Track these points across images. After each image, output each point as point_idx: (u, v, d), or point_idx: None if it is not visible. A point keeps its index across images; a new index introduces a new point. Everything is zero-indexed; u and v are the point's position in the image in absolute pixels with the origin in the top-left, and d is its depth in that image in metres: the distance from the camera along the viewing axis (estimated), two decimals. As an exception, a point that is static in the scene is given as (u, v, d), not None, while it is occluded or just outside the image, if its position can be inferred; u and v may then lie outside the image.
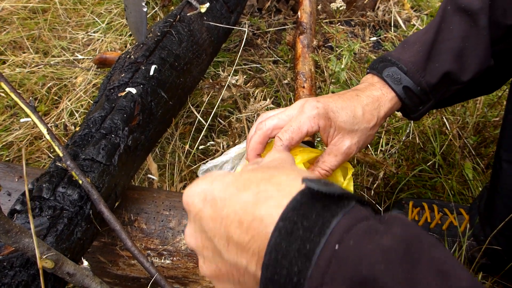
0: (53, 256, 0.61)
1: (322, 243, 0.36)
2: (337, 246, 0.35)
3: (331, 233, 0.36)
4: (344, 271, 0.34)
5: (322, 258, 0.35)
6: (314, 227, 0.36)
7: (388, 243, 0.34)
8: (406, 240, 0.35)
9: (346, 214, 0.37)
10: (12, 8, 1.95)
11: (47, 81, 1.66)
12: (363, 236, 0.35)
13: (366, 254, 0.34)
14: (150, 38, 1.14)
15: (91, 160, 0.84)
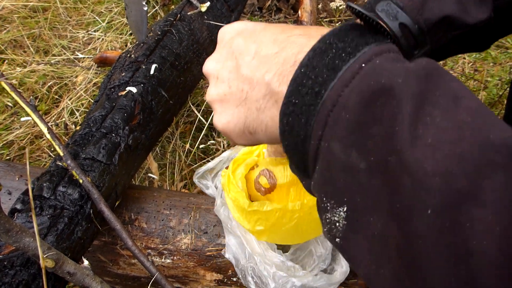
0: (54, 256, 0.61)
1: (351, 62, 0.38)
2: (364, 65, 0.37)
3: (361, 55, 0.38)
4: (365, 83, 0.36)
5: (347, 72, 0.37)
6: (347, 48, 0.39)
7: (412, 66, 0.36)
8: (429, 69, 0.36)
9: (378, 45, 0.39)
10: (13, 7, 1.95)
11: (47, 80, 1.66)
12: (390, 60, 0.37)
13: (388, 69, 0.36)
14: (151, 37, 1.14)
15: (91, 159, 0.84)
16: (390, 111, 0.34)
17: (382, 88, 0.35)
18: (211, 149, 1.45)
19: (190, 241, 0.96)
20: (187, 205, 1.00)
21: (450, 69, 1.79)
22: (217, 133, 1.51)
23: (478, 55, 1.88)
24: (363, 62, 0.37)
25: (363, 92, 0.36)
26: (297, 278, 0.82)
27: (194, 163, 1.40)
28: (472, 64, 1.83)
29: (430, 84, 0.35)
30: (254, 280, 0.85)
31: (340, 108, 0.37)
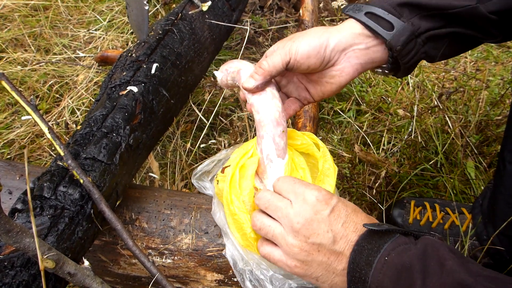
0: (54, 256, 0.61)
1: (378, 257, 0.66)
2: (386, 258, 0.65)
3: (383, 252, 0.66)
4: (390, 269, 0.64)
5: (378, 264, 0.65)
6: (373, 248, 0.67)
7: (412, 252, 0.65)
8: (423, 249, 0.65)
9: (392, 241, 0.67)
10: (14, 5, 1.95)
11: (48, 79, 1.66)
12: (401, 252, 0.65)
13: (400, 259, 0.64)
14: (152, 36, 1.14)
15: (92, 159, 0.84)
16: (408, 284, 0.62)
17: (400, 271, 0.63)
18: (212, 149, 1.45)
19: (191, 241, 0.96)
20: (188, 205, 1.00)
21: (452, 68, 1.78)
22: (218, 133, 1.50)
23: (480, 54, 1.88)
24: (385, 256, 0.66)
25: (391, 276, 0.64)
26: (293, 280, 0.82)
27: (195, 163, 1.40)
28: (474, 63, 1.83)
29: (426, 259, 0.63)
30: (252, 283, 0.85)
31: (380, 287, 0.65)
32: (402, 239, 0.68)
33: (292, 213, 0.73)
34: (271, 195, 0.77)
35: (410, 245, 0.66)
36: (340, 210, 0.73)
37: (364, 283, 0.66)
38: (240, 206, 0.84)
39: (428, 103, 1.60)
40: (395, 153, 1.45)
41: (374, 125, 1.55)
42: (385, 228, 0.69)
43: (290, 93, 0.94)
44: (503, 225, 0.98)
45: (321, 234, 0.71)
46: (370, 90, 1.64)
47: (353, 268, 0.68)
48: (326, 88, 0.87)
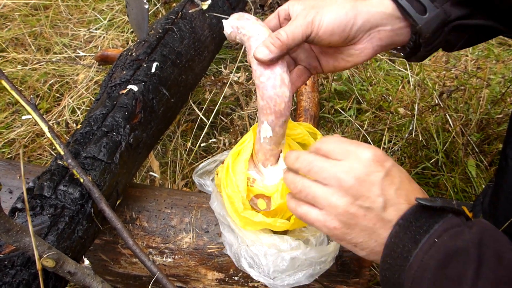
0: (54, 255, 0.61)
1: (426, 237, 0.59)
2: (436, 240, 0.58)
3: (433, 232, 0.59)
4: (439, 252, 0.57)
5: (426, 244, 0.59)
6: (422, 227, 0.60)
7: (469, 237, 0.58)
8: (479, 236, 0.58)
9: (444, 222, 0.60)
10: (14, 4, 1.95)
11: (48, 78, 1.66)
12: (453, 235, 0.58)
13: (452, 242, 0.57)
14: (152, 35, 1.14)
15: (92, 158, 0.84)
16: (458, 271, 0.55)
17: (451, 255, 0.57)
18: (213, 148, 1.45)
19: (191, 240, 0.96)
20: (188, 204, 1.00)
21: (453, 66, 1.78)
22: (218, 132, 1.50)
23: (481, 53, 1.87)
24: (435, 237, 0.59)
25: (438, 259, 0.57)
26: (286, 252, 0.83)
27: (195, 162, 1.40)
28: (475, 62, 1.82)
29: (482, 247, 0.56)
30: (247, 261, 0.85)
31: (422, 269, 0.58)
32: (455, 220, 0.61)
33: (341, 170, 0.66)
34: (314, 157, 0.70)
35: (464, 227, 0.60)
36: (395, 174, 0.66)
37: (405, 260, 0.60)
38: (234, 187, 0.85)
39: (429, 101, 1.60)
40: (396, 152, 1.45)
41: (375, 123, 1.54)
42: (439, 205, 0.61)
43: (299, 60, 0.87)
44: (506, 224, 0.98)
45: (371, 198, 0.64)
46: (371, 88, 1.63)
47: (394, 243, 0.62)
48: (340, 64, 0.82)
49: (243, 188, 0.86)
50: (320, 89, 1.64)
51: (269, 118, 0.77)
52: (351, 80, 1.66)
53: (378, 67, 1.75)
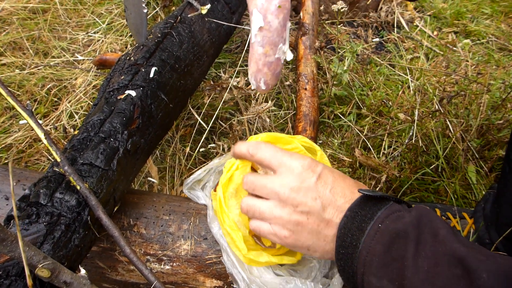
0: (50, 265, 0.60)
1: (371, 224, 0.65)
2: (380, 225, 0.64)
3: (377, 219, 0.65)
4: (384, 236, 0.63)
5: (371, 230, 0.64)
6: (367, 215, 0.66)
7: (408, 219, 0.63)
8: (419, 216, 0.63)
9: (386, 209, 0.66)
10: (12, 8, 1.94)
11: (46, 82, 1.65)
12: (394, 220, 0.64)
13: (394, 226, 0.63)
14: (151, 40, 1.13)
15: (89, 165, 0.82)
16: (401, 251, 0.60)
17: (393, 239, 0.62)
18: (212, 153, 1.43)
19: (189, 247, 0.94)
20: (187, 211, 0.99)
21: (453, 71, 1.78)
22: (217, 137, 1.49)
23: (481, 58, 1.87)
24: (379, 223, 0.64)
25: (383, 242, 0.62)
26: None
27: (194, 167, 1.39)
28: (475, 67, 1.82)
29: (420, 227, 0.62)
30: None
31: (371, 254, 0.63)
32: (396, 206, 0.67)
33: (278, 184, 0.72)
34: (254, 176, 0.77)
35: (404, 212, 0.65)
36: (327, 176, 0.72)
37: (355, 248, 0.65)
38: (231, 224, 0.85)
39: (429, 107, 1.59)
40: (396, 157, 1.44)
41: (375, 129, 1.53)
42: (380, 194, 0.68)
43: None
44: (508, 231, 0.97)
45: (309, 202, 0.70)
46: (371, 93, 1.63)
47: (344, 233, 0.67)
48: None
49: (243, 224, 0.85)
50: (320, 94, 1.63)
51: (258, 1, 0.61)
52: (351, 85, 1.66)
53: (378, 72, 1.75)
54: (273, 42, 0.63)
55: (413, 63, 1.84)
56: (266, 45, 0.64)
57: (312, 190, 0.71)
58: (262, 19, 0.61)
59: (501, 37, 2.00)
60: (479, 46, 1.95)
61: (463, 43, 1.92)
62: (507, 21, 2.09)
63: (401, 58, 1.86)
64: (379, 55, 1.89)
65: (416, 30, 2.01)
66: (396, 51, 1.90)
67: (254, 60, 0.66)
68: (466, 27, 2.03)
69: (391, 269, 0.60)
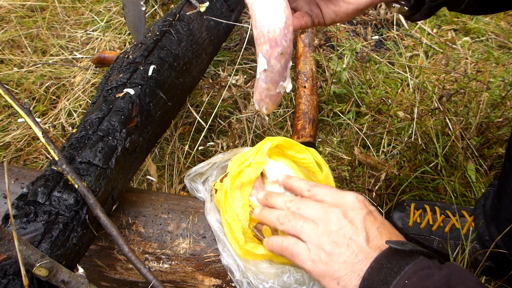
0: (47, 264, 0.60)
1: (397, 278, 0.61)
2: (407, 281, 0.60)
3: (404, 274, 0.61)
4: None
5: (397, 285, 0.60)
6: (394, 269, 0.62)
7: (436, 278, 0.60)
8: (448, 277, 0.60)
9: (415, 264, 0.62)
10: (10, 6, 1.93)
11: (45, 80, 1.64)
12: (423, 277, 0.60)
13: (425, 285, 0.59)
14: (149, 38, 1.12)
15: (87, 163, 0.82)
16: None
17: None
18: (210, 151, 1.43)
19: (188, 245, 0.94)
20: (186, 209, 0.99)
21: (453, 69, 1.77)
22: (216, 135, 1.49)
23: (480, 56, 1.87)
24: (406, 279, 0.60)
25: None
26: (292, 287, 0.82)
27: (193, 165, 1.38)
28: (474, 65, 1.82)
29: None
30: None
31: None
32: (426, 262, 0.63)
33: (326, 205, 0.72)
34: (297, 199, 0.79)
35: (434, 270, 0.62)
36: (376, 215, 0.72)
37: None
38: (233, 215, 0.84)
39: (428, 105, 1.59)
40: (395, 156, 1.44)
41: (374, 127, 1.53)
42: (409, 248, 0.63)
43: (300, 8, 0.84)
44: (509, 227, 0.97)
45: (354, 228, 0.68)
46: (370, 91, 1.62)
47: (367, 285, 0.63)
48: (340, 9, 0.79)
49: (244, 217, 0.85)
50: (319, 92, 1.63)
51: (263, 48, 0.70)
52: (350, 83, 1.65)
53: (377, 70, 1.74)
54: (275, 81, 0.73)
55: (413, 61, 1.84)
56: (269, 83, 0.74)
57: (360, 220, 0.69)
58: (266, 63, 0.70)
59: (501, 34, 1.99)
60: (478, 44, 1.95)
61: (462, 41, 1.91)
62: (507, 19, 2.09)
63: (401, 55, 1.86)
64: (379, 52, 1.89)
65: (415, 28, 2.00)
66: (396, 48, 1.90)
67: (258, 91, 0.76)
68: (465, 25, 2.02)
69: None
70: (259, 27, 0.68)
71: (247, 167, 0.89)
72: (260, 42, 0.69)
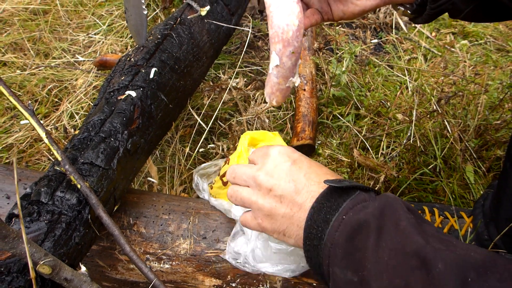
0: (51, 262, 0.61)
1: (336, 215, 0.65)
2: (344, 216, 0.64)
3: (341, 210, 0.65)
4: (347, 227, 0.63)
5: (335, 222, 0.64)
6: (332, 206, 0.66)
7: (371, 210, 0.63)
8: (382, 207, 0.62)
9: (352, 199, 0.66)
10: (13, 9, 1.95)
11: (47, 83, 1.66)
12: (358, 210, 0.64)
13: (358, 217, 0.63)
14: (151, 41, 1.14)
15: (90, 164, 0.83)
16: (363, 242, 0.60)
17: (355, 230, 0.61)
18: (211, 153, 1.44)
19: (189, 246, 0.95)
20: (186, 210, 1.00)
21: (451, 72, 1.79)
22: (216, 137, 1.50)
23: (479, 59, 1.88)
24: (344, 215, 0.64)
25: (346, 234, 0.62)
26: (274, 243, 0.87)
27: (193, 167, 1.39)
28: (473, 68, 1.83)
29: (383, 218, 0.61)
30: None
31: (335, 245, 0.63)
32: (362, 196, 0.66)
33: (255, 169, 0.75)
34: (236, 165, 0.80)
35: (369, 202, 0.65)
36: (302, 162, 0.74)
37: (320, 240, 0.65)
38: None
39: (427, 107, 1.60)
40: (394, 158, 1.45)
41: (373, 129, 1.54)
42: (346, 184, 0.67)
43: (311, 4, 0.89)
44: (508, 227, 0.98)
45: (282, 185, 0.71)
46: (369, 94, 1.64)
47: (310, 225, 0.67)
48: (348, 9, 0.84)
49: None
50: (319, 94, 1.64)
51: (277, 47, 0.77)
52: (349, 85, 1.67)
53: (376, 73, 1.76)
54: (286, 76, 0.80)
55: (411, 64, 1.85)
56: (280, 78, 0.81)
57: (285, 173, 0.72)
58: (279, 60, 0.78)
59: (499, 38, 2.01)
60: (477, 47, 1.96)
61: (461, 44, 1.93)
62: (505, 22, 2.10)
63: (399, 59, 1.87)
64: (378, 56, 1.90)
65: (414, 31, 2.02)
66: (395, 52, 1.91)
67: (269, 85, 0.83)
68: (464, 28, 2.04)
69: (354, 260, 0.61)
70: (275, 27, 0.75)
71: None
72: (274, 41, 0.76)
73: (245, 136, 1.04)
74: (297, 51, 0.78)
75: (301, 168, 0.73)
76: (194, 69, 1.24)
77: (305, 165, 0.73)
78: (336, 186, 0.67)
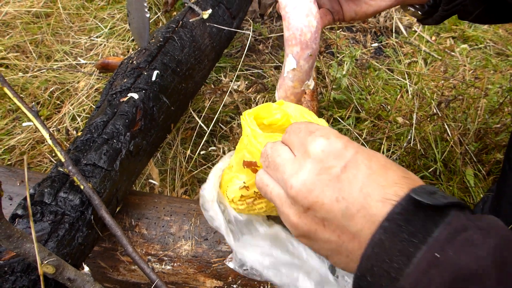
0: (54, 262, 0.61)
1: (423, 249, 0.41)
2: (437, 254, 0.40)
3: (432, 242, 0.41)
4: (443, 274, 0.39)
5: (423, 261, 0.40)
6: (417, 234, 0.42)
7: (481, 253, 0.40)
8: (499, 249, 0.40)
9: (447, 225, 0.42)
10: (16, 12, 1.96)
11: (49, 85, 1.67)
12: (462, 248, 0.40)
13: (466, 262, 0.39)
14: (153, 44, 1.15)
15: (92, 165, 0.84)
16: None
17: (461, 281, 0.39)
18: (212, 155, 1.45)
19: (190, 247, 0.96)
20: (188, 212, 1.00)
21: (451, 76, 1.79)
22: (218, 139, 1.51)
23: (478, 63, 1.89)
24: (435, 251, 0.41)
25: (442, 282, 0.39)
26: None
27: (194, 169, 1.40)
28: (473, 72, 1.84)
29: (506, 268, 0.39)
30: None
31: None
32: (461, 219, 0.42)
33: (288, 172, 0.52)
34: (271, 149, 0.57)
35: (474, 233, 0.41)
36: (357, 166, 0.49)
37: (393, 281, 0.42)
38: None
39: (427, 111, 1.61)
40: (395, 161, 1.46)
41: (374, 132, 1.55)
42: (442, 202, 0.42)
43: (322, 4, 0.86)
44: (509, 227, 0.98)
45: (326, 205, 0.48)
46: (370, 97, 1.65)
47: (378, 254, 0.43)
48: (361, 9, 0.81)
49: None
50: (319, 98, 1.65)
51: (294, 49, 0.73)
52: (350, 89, 1.67)
53: (376, 77, 1.77)
54: (302, 79, 0.77)
55: (412, 67, 1.86)
56: (296, 81, 0.77)
57: (332, 186, 0.48)
58: (296, 63, 0.74)
59: (499, 42, 2.02)
60: (477, 51, 1.97)
61: (461, 48, 1.94)
62: (505, 27, 2.11)
63: (400, 62, 1.88)
64: (378, 59, 1.91)
65: (414, 35, 2.03)
66: (395, 56, 1.92)
67: (283, 89, 0.79)
68: (464, 32, 2.05)
69: None
70: (292, 29, 0.73)
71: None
72: (291, 44, 0.73)
73: (249, 116, 0.75)
74: (314, 53, 0.74)
75: (355, 178, 0.48)
76: (196, 71, 1.25)
77: (362, 171, 0.49)
78: (426, 203, 0.42)
